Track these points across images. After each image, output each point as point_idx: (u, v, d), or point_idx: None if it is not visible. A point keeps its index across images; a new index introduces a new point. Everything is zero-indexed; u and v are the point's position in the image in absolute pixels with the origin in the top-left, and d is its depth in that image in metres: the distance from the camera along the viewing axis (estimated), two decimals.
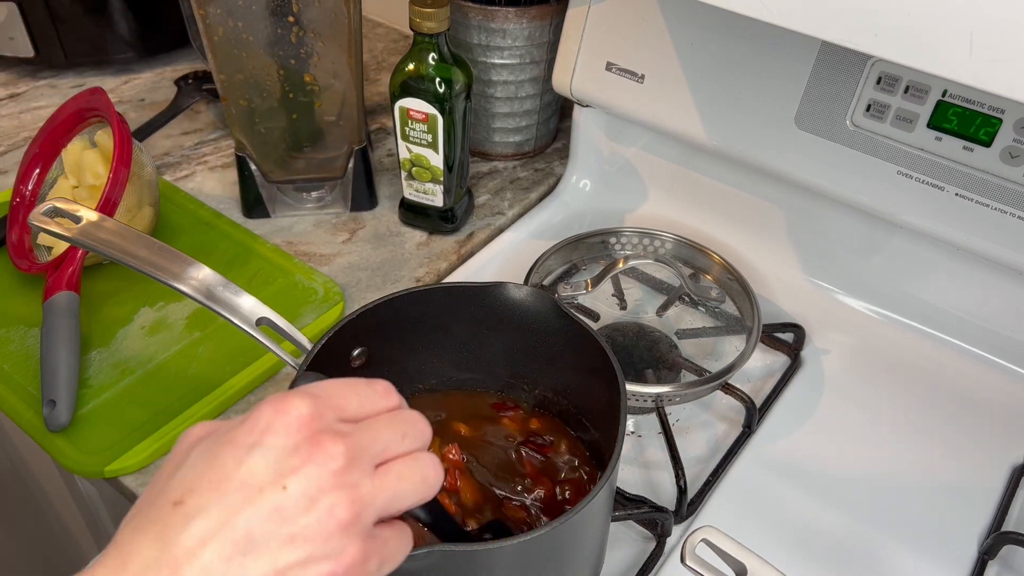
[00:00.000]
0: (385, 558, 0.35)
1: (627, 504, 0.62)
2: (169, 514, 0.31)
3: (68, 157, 0.80)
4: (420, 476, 0.36)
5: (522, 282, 0.71)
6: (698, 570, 0.47)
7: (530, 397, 0.64)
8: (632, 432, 0.70)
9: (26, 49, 1.05)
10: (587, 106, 0.87)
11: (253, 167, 0.84)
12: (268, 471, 0.32)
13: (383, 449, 0.35)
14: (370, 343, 0.59)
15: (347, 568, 0.33)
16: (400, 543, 0.37)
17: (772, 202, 0.81)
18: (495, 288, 0.58)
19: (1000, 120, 0.63)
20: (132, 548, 0.31)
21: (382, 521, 0.36)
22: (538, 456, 0.60)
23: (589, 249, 0.82)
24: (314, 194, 0.89)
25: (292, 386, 0.36)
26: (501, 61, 0.89)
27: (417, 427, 0.37)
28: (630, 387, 0.65)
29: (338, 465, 0.33)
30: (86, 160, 0.79)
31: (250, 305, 0.54)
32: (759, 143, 0.74)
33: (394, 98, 0.78)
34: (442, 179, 0.82)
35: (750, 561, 0.46)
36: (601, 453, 0.60)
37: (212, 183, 0.93)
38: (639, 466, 0.67)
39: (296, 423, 0.33)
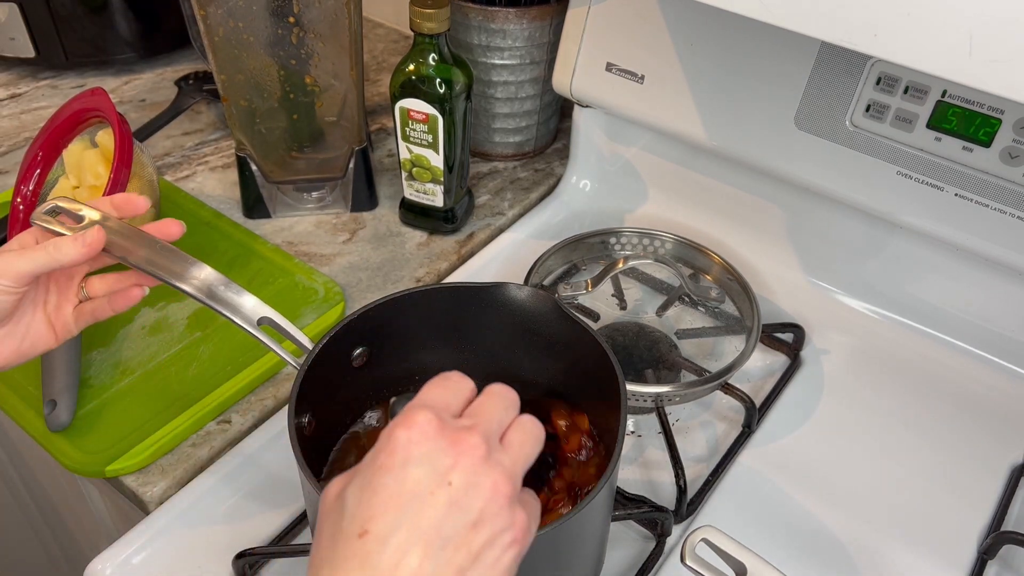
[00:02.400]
0: (535, 515, 0.40)
1: (627, 504, 0.62)
2: (360, 546, 0.34)
3: (69, 157, 0.80)
4: (533, 436, 0.40)
5: (522, 282, 0.71)
6: (698, 570, 0.47)
7: (529, 397, 0.64)
8: (632, 432, 0.70)
9: (27, 49, 1.06)
10: (587, 106, 0.87)
11: (254, 167, 0.84)
12: (430, 476, 0.35)
13: (499, 425, 0.40)
14: (371, 343, 0.59)
15: (524, 532, 0.38)
16: (536, 503, 0.41)
17: (772, 202, 0.81)
18: (495, 288, 0.59)
19: (1000, 120, 0.63)
20: None
21: None
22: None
23: (589, 249, 0.82)
24: (315, 194, 0.89)
25: (393, 410, 0.42)
26: (501, 61, 0.89)
27: (509, 396, 0.41)
28: (630, 387, 0.65)
29: (482, 451, 0.37)
30: (87, 160, 0.79)
31: (252, 305, 0.54)
32: (759, 143, 0.75)
33: (394, 99, 0.78)
34: (442, 179, 0.82)
35: (750, 561, 0.46)
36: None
37: (213, 183, 0.93)
38: (639, 466, 0.68)
39: (430, 431, 0.37)
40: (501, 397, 0.41)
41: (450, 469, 0.36)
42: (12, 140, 0.99)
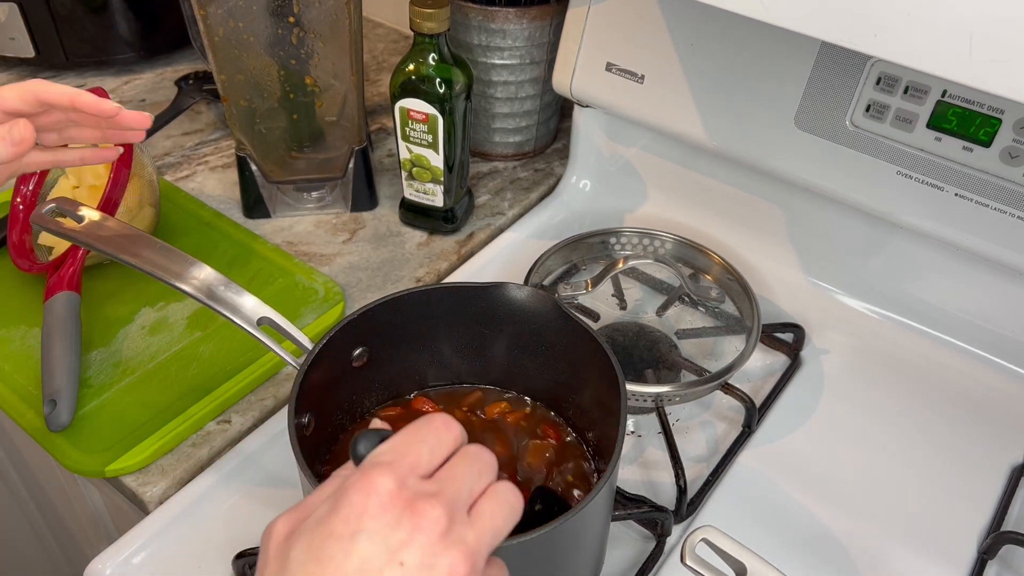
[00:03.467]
0: None
1: (627, 504, 0.62)
2: None
3: None
4: (508, 507, 0.37)
5: (522, 282, 0.71)
6: (698, 570, 0.47)
7: (530, 397, 0.64)
8: (632, 432, 0.70)
9: (27, 49, 1.06)
10: (587, 106, 0.87)
11: (254, 167, 0.84)
12: (381, 553, 0.32)
13: (469, 493, 0.36)
14: (371, 343, 0.59)
15: None
16: (503, 572, 0.38)
17: (772, 202, 0.81)
18: (495, 288, 0.59)
19: (1000, 120, 0.63)
20: None
21: None
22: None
23: (589, 249, 0.82)
24: (314, 194, 0.89)
25: (353, 447, 0.36)
26: (501, 61, 0.89)
27: (485, 459, 0.37)
28: (630, 387, 0.65)
29: (442, 526, 0.33)
30: None
31: (251, 305, 0.55)
32: (759, 143, 0.75)
33: (394, 98, 0.78)
34: (442, 179, 0.82)
35: (750, 561, 0.46)
36: (601, 452, 0.60)
37: (213, 183, 0.93)
38: (639, 466, 0.68)
39: (387, 499, 0.33)
40: (475, 459, 0.37)
41: (404, 545, 0.32)
42: None
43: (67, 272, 0.72)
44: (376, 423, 0.40)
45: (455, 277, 0.83)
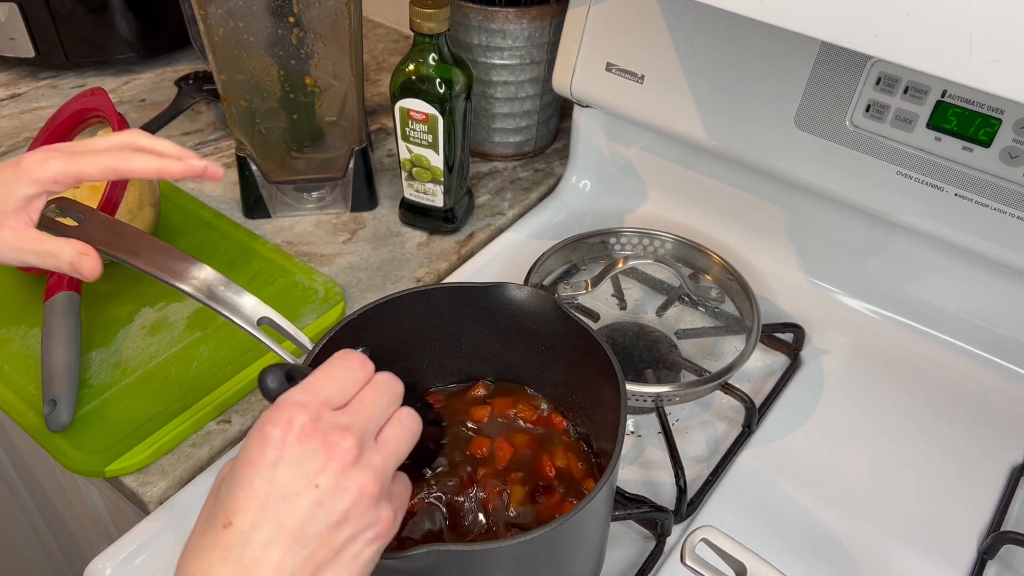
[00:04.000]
0: (402, 506, 0.42)
1: (627, 504, 0.62)
2: (225, 536, 0.36)
3: None
4: (410, 432, 0.42)
5: (522, 282, 0.71)
6: (698, 570, 0.47)
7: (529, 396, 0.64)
8: (632, 432, 0.70)
9: (27, 49, 1.06)
10: (587, 106, 0.87)
11: (254, 167, 0.84)
12: (299, 478, 0.37)
13: (377, 422, 0.41)
14: (371, 343, 0.59)
15: (386, 528, 0.40)
16: (406, 489, 0.43)
17: (772, 202, 0.81)
18: (495, 288, 0.59)
19: (1000, 120, 0.63)
20: (204, 572, 0.36)
21: None
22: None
23: (589, 249, 0.82)
24: (314, 194, 0.89)
25: (262, 381, 0.41)
26: (501, 61, 0.89)
27: (393, 390, 0.42)
28: (630, 387, 0.65)
29: (353, 454, 0.38)
30: None
31: (251, 305, 0.55)
32: (759, 143, 0.75)
33: (394, 99, 0.78)
34: (442, 179, 0.82)
35: (750, 561, 0.46)
36: (601, 452, 0.60)
37: (212, 183, 0.93)
38: (639, 466, 0.68)
39: (303, 431, 0.37)
40: (384, 389, 0.42)
41: (319, 472, 0.37)
42: (12, 140, 0.99)
43: None
44: (283, 354, 0.46)
45: (455, 277, 0.83)
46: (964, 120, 0.64)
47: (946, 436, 0.70)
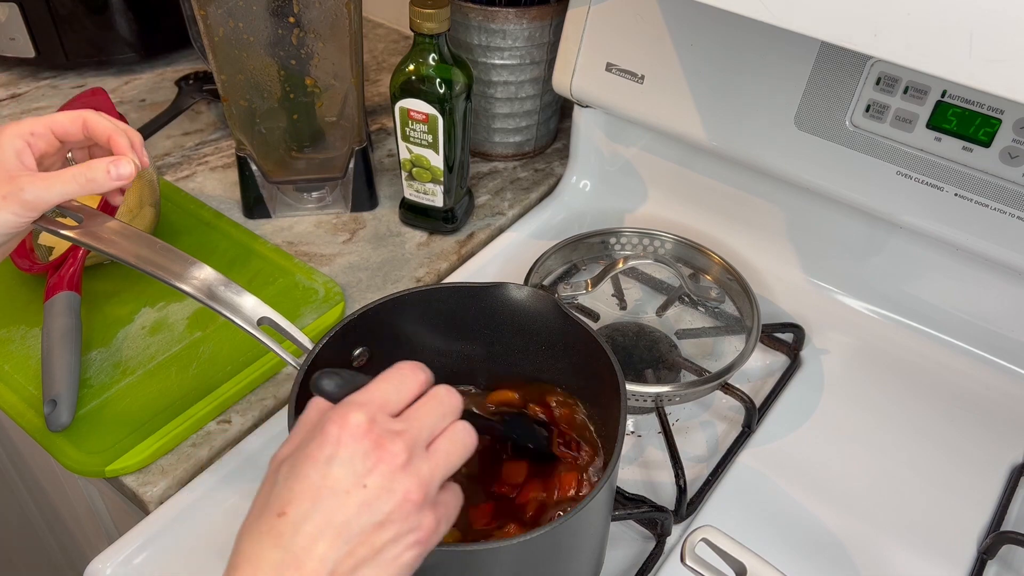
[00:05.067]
0: (449, 516, 0.43)
1: (627, 504, 0.62)
2: (279, 524, 0.38)
3: None
4: (462, 446, 0.43)
5: (522, 282, 0.71)
6: (698, 570, 0.47)
7: (530, 397, 0.64)
8: (632, 432, 0.70)
9: (27, 50, 1.06)
10: (587, 106, 0.87)
11: (254, 167, 0.84)
12: (349, 476, 0.39)
13: (430, 433, 0.42)
14: (371, 343, 0.59)
15: (428, 535, 0.41)
16: (456, 500, 0.44)
17: (772, 202, 0.81)
18: (495, 288, 0.59)
19: (999, 120, 0.63)
20: (257, 555, 0.38)
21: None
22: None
23: (589, 249, 0.82)
24: (315, 194, 0.89)
25: (317, 384, 0.42)
26: (501, 62, 0.89)
27: (449, 403, 0.43)
28: (630, 387, 0.65)
29: (402, 459, 0.40)
30: None
31: (252, 305, 0.55)
32: (759, 143, 0.75)
33: (394, 99, 0.78)
34: (442, 179, 0.82)
35: (750, 561, 0.46)
36: (601, 452, 0.60)
37: (213, 183, 0.93)
38: (639, 466, 0.68)
39: (359, 432, 0.39)
40: (440, 402, 0.43)
41: (368, 472, 0.39)
42: None
43: (67, 272, 0.72)
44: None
45: (455, 277, 0.83)
46: (964, 120, 0.64)
47: (946, 436, 0.70)
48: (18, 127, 0.56)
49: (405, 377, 0.43)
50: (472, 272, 0.84)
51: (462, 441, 0.43)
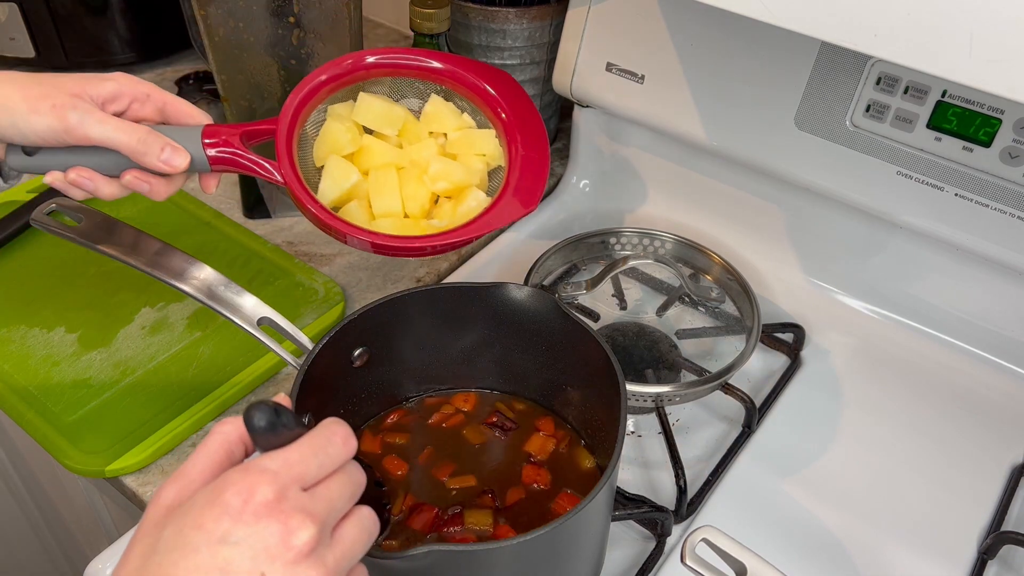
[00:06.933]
0: None
1: (627, 504, 0.62)
2: None
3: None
4: (367, 534, 0.39)
5: (522, 282, 0.71)
6: (698, 570, 0.47)
7: (530, 397, 0.64)
8: (632, 432, 0.70)
9: (27, 50, 1.06)
10: (587, 106, 0.87)
11: None
12: (245, 562, 0.34)
13: (339, 514, 0.38)
14: (371, 343, 0.59)
15: None
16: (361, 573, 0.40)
17: (772, 202, 0.81)
18: (495, 288, 0.59)
19: (1000, 120, 0.63)
20: None
21: None
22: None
23: (589, 249, 0.82)
24: None
25: (248, 419, 0.37)
26: (501, 62, 0.89)
27: (359, 481, 0.40)
28: (630, 387, 0.65)
29: (310, 546, 0.35)
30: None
31: (252, 305, 0.55)
32: (759, 143, 0.75)
33: None
34: None
35: (750, 561, 0.46)
36: (601, 452, 0.60)
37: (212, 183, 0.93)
38: (639, 466, 0.68)
39: (263, 510, 0.34)
40: (352, 482, 0.39)
41: (269, 559, 0.34)
42: None
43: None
44: (281, 397, 0.44)
45: (455, 277, 0.83)
46: (964, 120, 0.64)
47: (946, 436, 0.70)
48: (137, 82, 0.56)
49: (333, 446, 0.38)
50: (472, 272, 0.83)
51: (368, 529, 0.39)
